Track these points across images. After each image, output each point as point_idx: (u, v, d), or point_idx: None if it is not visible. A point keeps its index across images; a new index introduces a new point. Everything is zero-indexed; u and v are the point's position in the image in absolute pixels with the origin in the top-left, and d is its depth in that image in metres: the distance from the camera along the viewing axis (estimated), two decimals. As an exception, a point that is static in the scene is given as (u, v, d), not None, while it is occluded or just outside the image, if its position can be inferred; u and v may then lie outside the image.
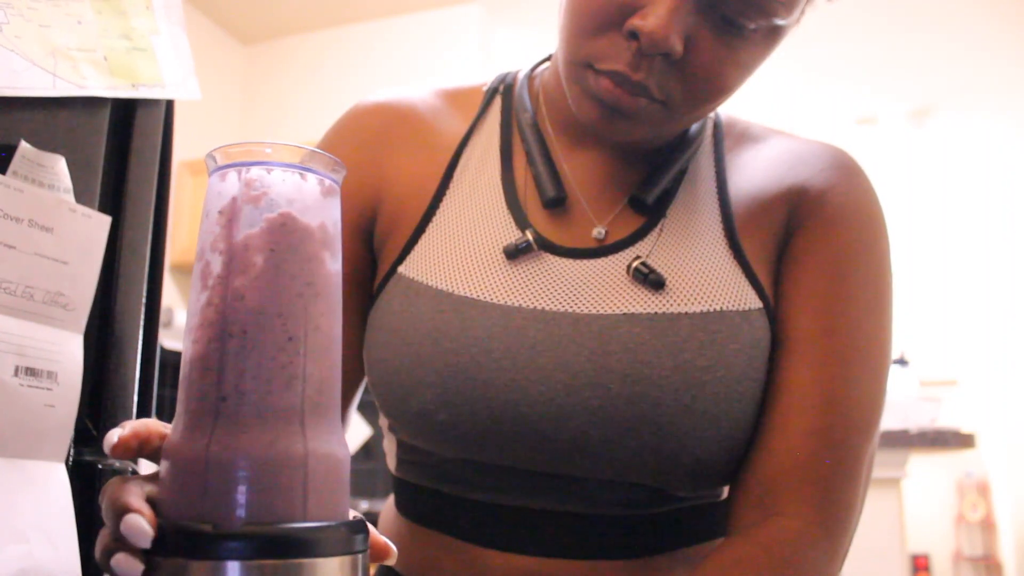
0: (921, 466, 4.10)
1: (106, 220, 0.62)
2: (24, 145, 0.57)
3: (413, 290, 0.67)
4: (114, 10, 0.65)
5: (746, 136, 0.75)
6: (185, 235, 3.34)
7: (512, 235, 0.68)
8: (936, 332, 4.42)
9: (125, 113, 0.68)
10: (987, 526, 4.38)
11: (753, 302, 0.65)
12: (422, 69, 3.57)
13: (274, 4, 3.63)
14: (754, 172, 0.71)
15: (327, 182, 0.41)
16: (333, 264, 0.40)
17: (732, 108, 0.76)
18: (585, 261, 0.66)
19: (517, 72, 0.77)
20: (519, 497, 0.66)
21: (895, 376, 3.30)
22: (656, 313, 0.63)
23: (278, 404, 0.37)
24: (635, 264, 0.65)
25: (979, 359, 4.52)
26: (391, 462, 0.75)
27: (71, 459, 0.60)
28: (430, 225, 0.70)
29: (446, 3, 3.59)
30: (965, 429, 2.75)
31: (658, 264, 0.65)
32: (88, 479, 0.63)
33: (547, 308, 0.64)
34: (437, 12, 3.63)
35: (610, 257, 0.67)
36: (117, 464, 0.67)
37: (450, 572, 0.68)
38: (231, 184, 0.39)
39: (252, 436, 0.36)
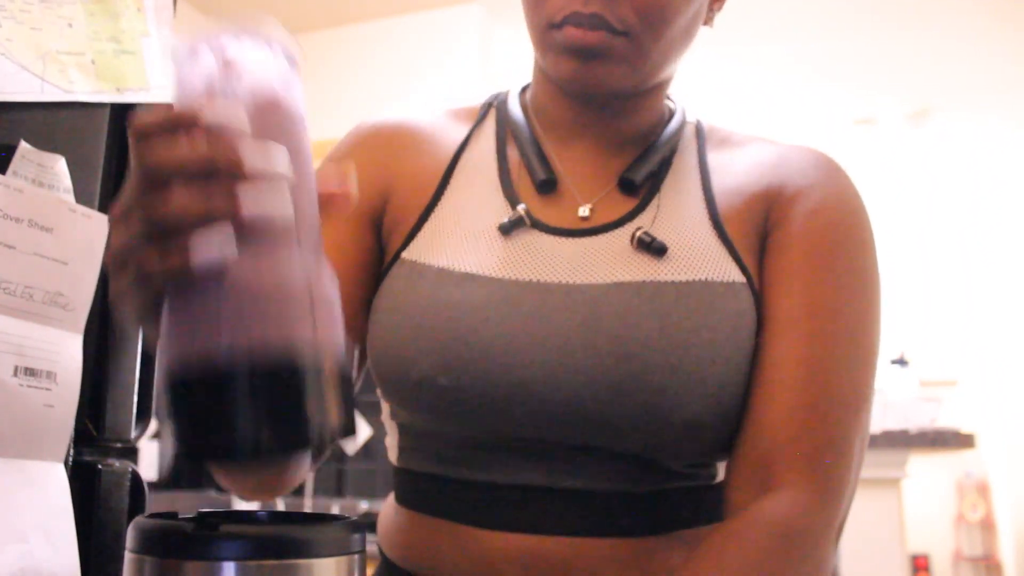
0: (921, 466, 4.09)
1: (106, 220, 0.62)
2: (24, 145, 0.57)
3: (416, 271, 0.71)
4: (106, 12, 0.65)
5: (728, 141, 0.78)
6: (185, 235, 3.34)
7: (506, 216, 0.72)
8: (936, 332, 4.42)
9: (125, 113, 0.68)
10: (987, 526, 4.38)
11: (737, 276, 0.68)
12: (422, 69, 3.57)
13: (274, 4, 3.64)
14: (736, 171, 0.75)
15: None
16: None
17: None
18: (577, 239, 0.71)
19: (508, 90, 0.83)
20: (517, 474, 0.67)
21: (895, 376, 3.30)
22: (644, 281, 0.67)
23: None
24: (638, 234, 0.69)
25: (979, 359, 4.52)
26: (392, 454, 0.77)
27: (71, 459, 0.60)
28: (431, 215, 0.74)
29: (446, 3, 3.59)
30: (965, 429, 2.75)
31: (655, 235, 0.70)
32: (88, 479, 0.63)
33: (541, 280, 0.68)
34: (437, 12, 3.63)
35: (600, 236, 0.71)
36: (117, 464, 0.67)
37: (450, 558, 0.69)
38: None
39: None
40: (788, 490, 0.63)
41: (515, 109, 0.79)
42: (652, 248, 0.68)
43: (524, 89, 0.82)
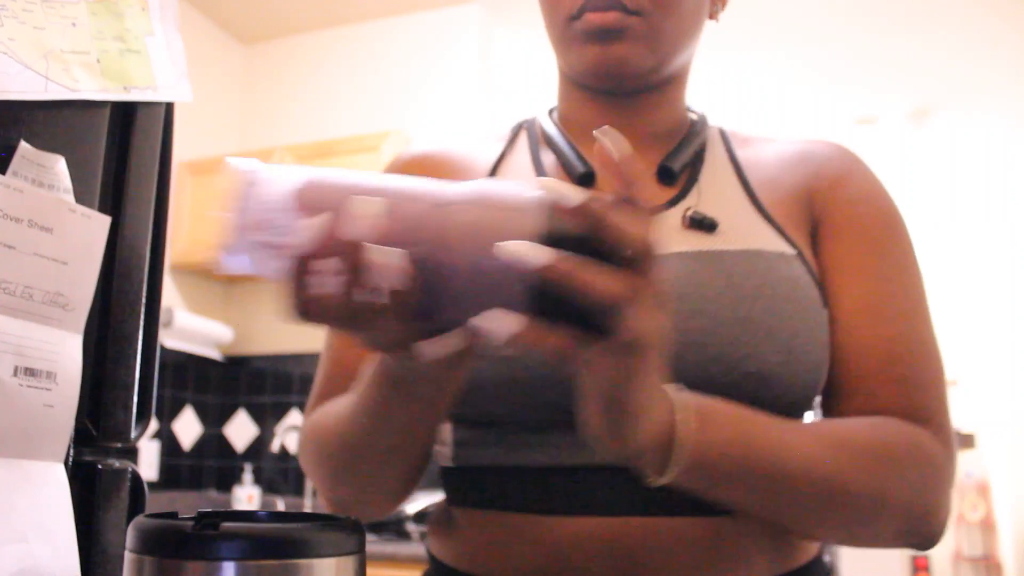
0: (921, 466, 4.09)
1: (106, 220, 0.62)
2: (24, 145, 0.57)
3: None
4: (109, 11, 0.65)
5: (750, 141, 0.82)
6: (185, 235, 3.34)
7: None
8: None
9: (125, 113, 0.68)
10: (987, 526, 4.38)
11: (787, 249, 0.71)
12: (422, 69, 3.57)
13: (274, 4, 3.63)
14: (767, 166, 0.78)
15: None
16: None
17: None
18: None
19: (534, 116, 0.88)
20: (585, 455, 0.65)
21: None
22: (702, 251, 0.69)
23: None
24: (689, 213, 0.72)
25: (979, 359, 4.52)
26: (446, 455, 0.75)
27: (71, 459, 0.60)
28: None
29: (445, 3, 3.59)
30: (965, 429, 2.75)
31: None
32: (88, 479, 0.63)
33: None
34: (437, 12, 3.63)
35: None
36: (117, 464, 0.67)
37: (516, 550, 0.67)
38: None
39: None
40: (907, 425, 0.66)
41: (546, 122, 0.83)
42: (704, 224, 0.71)
43: (551, 111, 0.86)
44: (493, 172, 0.81)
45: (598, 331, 0.43)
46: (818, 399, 0.72)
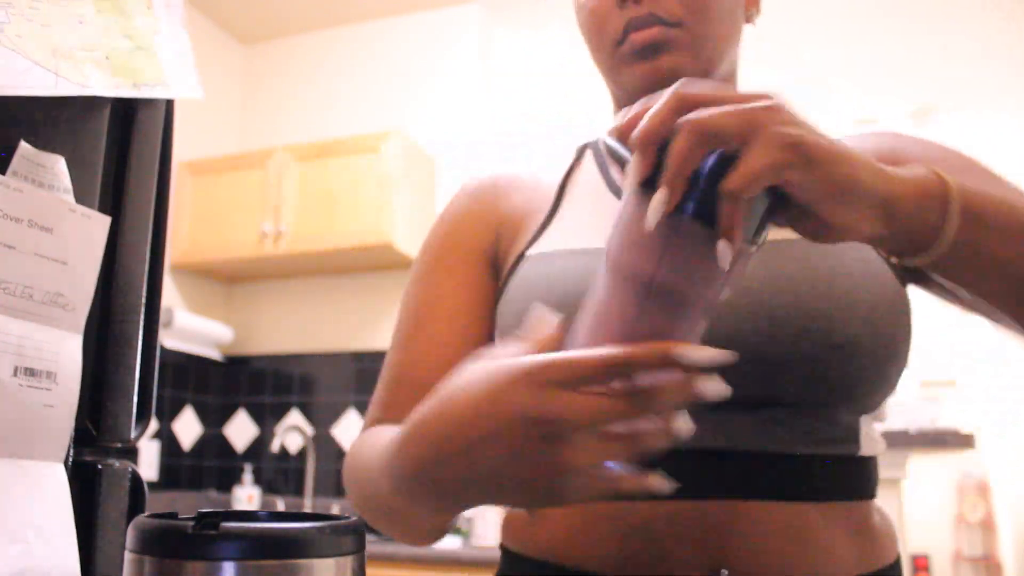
0: (921, 466, 4.10)
1: (106, 220, 0.62)
2: (24, 145, 0.57)
3: (544, 259, 0.75)
4: (116, 10, 0.65)
5: None
6: (185, 235, 3.34)
7: None
8: (936, 332, 4.42)
9: (125, 113, 0.68)
10: (987, 526, 4.38)
11: None
12: (422, 69, 3.57)
13: (274, 4, 3.63)
14: None
15: None
16: None
17: None
18: None
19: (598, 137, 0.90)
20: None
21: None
22: (773, 240, 0.70)
23: None
24: None
25: (979, 359, 4.52)
26: None
27: (70, 459, 0.60)
28: (548, 227, 0.80)
29: (445, 3, 3.59)
30: (965, 429, 2.75)
31: None
32: (88, 479, 0.63)
33: None
34: (437, 12, 3.63)
35: None
36: (117, 464, 0.67)
37: (606, 537, 0.67)
38: None
39: None
40: None
41: (609, 139, 0.84)
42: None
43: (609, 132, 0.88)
44: (563, 185, 0.83)
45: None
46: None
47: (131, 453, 0.71)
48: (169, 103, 0.72)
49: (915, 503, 4.23)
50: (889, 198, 0.51)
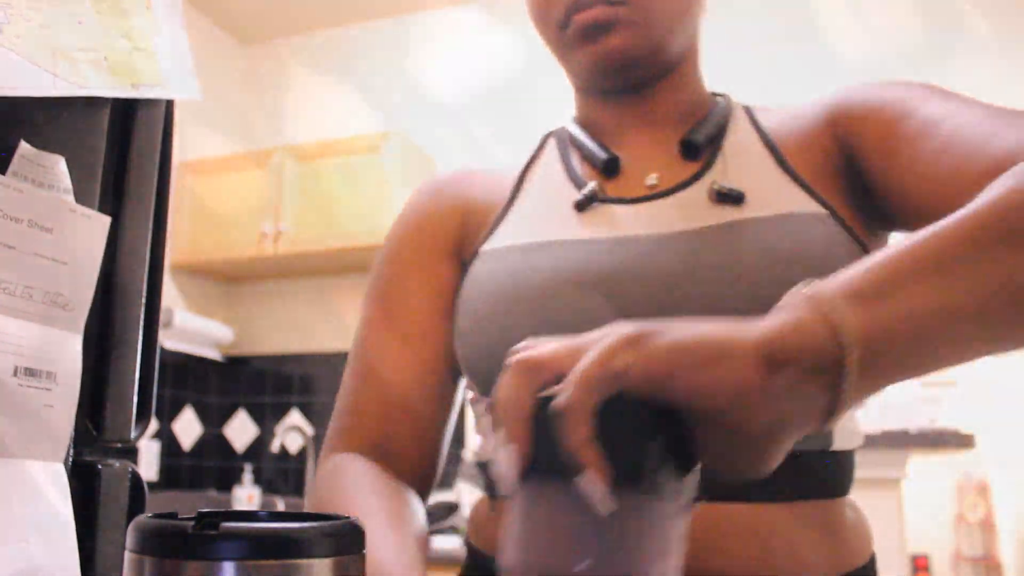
0: (921, 466, 4.09)
1: (106, 220, 0.62)
2: (24, 145, 0.57)
3: (497, 255, 0.74)
4: (115, 10, 0.65)
5: (773, 110, 0.82)
6: (185, 235, 3.34)
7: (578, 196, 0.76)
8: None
9: (125, 113, 0.68)
10: (987, 526, 4.38)
11: (818, 209, 0.69)
12: (422, 69, 3.57)
13: (274, 4, 3.63)
14: (790, 122, 0.77)
15: None
16: None
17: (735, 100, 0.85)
18: (653, 202, 0.73)
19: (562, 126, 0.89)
20: None
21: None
22: (733, 221, 0.69)
23: None
24: (714, 187, 0.71)
25: (979, 359, 4.51)
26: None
27: (70, 459, 0.60)
28: (505, 218, 0.79)
29: (446, 3, 3.59)
30: (965, 429, 2.75)
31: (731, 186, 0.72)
32: (88, 479, 0.63)
33: (631, 234, 0.70)
34: (437, 12, 3.62)
35: (675, 195, 0.73)
36: (117, 464, 0.67)
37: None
38: None
39: None
40: None
41: (570, 126, 0.84)
42: (730, 197, 0.70)
43: (574, 119, 0.87)
44: (523, 174, 0.83)
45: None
46: None
47: (131, 453, 0.72)
48: (169, 103, 0.72)
49: (915, 503, 4.23)
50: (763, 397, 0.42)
